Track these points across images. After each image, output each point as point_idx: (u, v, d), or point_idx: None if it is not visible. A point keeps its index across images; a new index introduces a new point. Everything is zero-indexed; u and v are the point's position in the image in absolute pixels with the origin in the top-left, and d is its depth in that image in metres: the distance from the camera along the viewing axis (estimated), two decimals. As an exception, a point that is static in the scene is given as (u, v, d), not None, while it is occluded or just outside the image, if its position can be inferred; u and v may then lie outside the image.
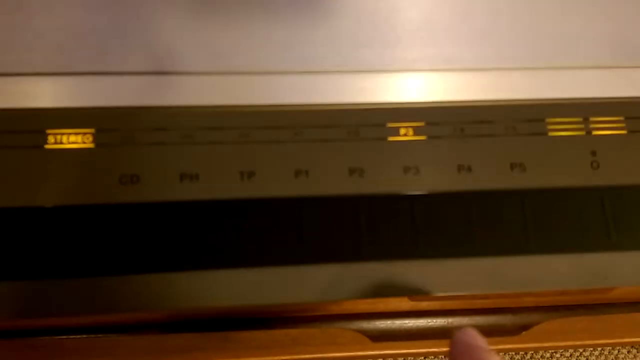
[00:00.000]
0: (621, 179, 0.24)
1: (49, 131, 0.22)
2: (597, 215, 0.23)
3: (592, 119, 0.25)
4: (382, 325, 0.30)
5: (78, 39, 0.23)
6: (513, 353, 0.33)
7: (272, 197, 0.22)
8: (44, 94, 0.23)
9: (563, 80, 0.25)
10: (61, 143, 0.22)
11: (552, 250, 0.23)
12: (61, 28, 0.23)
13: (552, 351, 0.34)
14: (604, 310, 0.31)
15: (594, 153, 0.24)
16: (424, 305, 0.30)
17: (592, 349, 0.34)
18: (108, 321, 0.27)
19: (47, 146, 0.22)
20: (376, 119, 0.24)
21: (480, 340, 0.20)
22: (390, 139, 0.24)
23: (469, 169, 0.23)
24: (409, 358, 0.31)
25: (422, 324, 0.30)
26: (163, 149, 0.22)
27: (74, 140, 0.22)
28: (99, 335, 0.27)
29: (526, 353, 0.33)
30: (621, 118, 0.25)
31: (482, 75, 0.25)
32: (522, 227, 0.23)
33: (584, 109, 0.25)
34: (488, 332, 0.27)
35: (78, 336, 0.27)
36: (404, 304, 0.30)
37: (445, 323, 0.30)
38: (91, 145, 0.22)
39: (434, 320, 0.30)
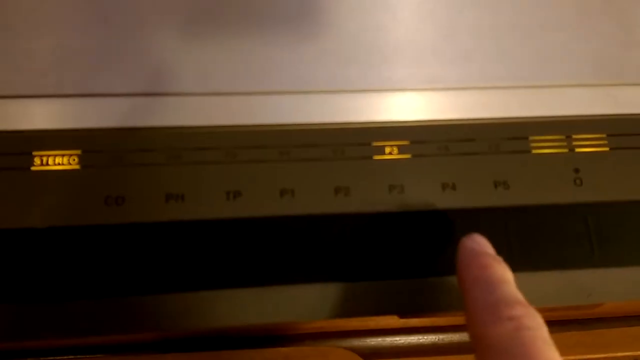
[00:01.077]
0: (604, 195, 0.24)
1: (35, 153, 0.22)
2: (580, 232, 0.23)
3: (574, 136, 0.25)
4: (373, 343, 0.30)
5: (64, 61, 0.24)
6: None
7: (258, 217, 0.22)
8: (30, 116, 0.23)
9: (546, 98, 0.26)
10: (47, 165, 0.22)
11: (536, 267, 0.23)
12: (47, 50, 0.24)
13: (544, 367, 0.33)
14: (596, 325, 0.31)
15: (576, 170, 0.24)
16: (415, 322, 0.30)
17: (585, 363, 0.34)
18: (96, 342, 0.27)
19: (33, 168, 0.22)
20: (361, 138, 0.24)
21: (487, 247, 0.20)
22: (376, 157, 0.24)
23: (454, 187, 0.23)
24: (400, 375, 0.31)
25: (413, 341, 0.30)
26: (149, 170, 0.22)
27: (59, 161, 0.22)
28: (87, 356, 0.27)
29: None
30: (603, 135, 0.25)
31: (466, 94, 0.25)
32: (506, 244, 0.23)
33: (567, 127, 0.25)
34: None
35: (66, 357, 0.27)
36: (394, 321, 0.30)
37: (436, 340, 0.30)
38: (77, 167, 0.22)
39: (425, 337, 0.30)
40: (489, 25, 0.26)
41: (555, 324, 0.31)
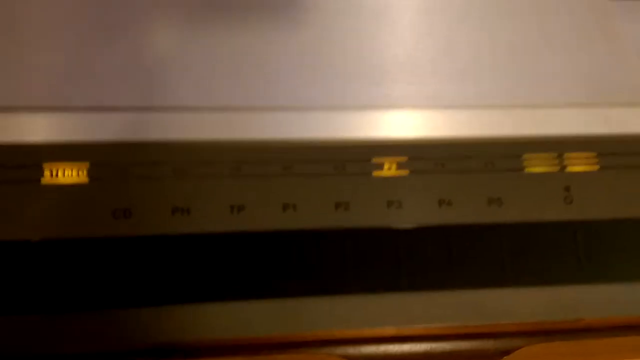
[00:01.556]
0: (593, 213, 0.25)
1: (44, 165, 0.23)
2: (569, 248, 0.24)
3: (566, 155, 0.26)
4: (367, 351, 0.30)
5: (73, 74, 0.24)
6: (494, 377, 0.33)
7: (260, 231, 0.23)
8: (39, 128, 0.23)
9: (540, 117, 0.26)
10: (57, 177, 0.23)
11: (527, 282, 0.24)
12: (56, 63, 0.24)
13: (533, 375, 0.34)
14: (581, 335, 0.32)
15: (567, 188, 0.25)
16: (408, 330, 0.30)
17: (573, 371, 0.35)
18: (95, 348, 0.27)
19: (43, 180, 0.22)
20: (362, 155, 0.24)
21: None
22: (375, 173, 0.24)
23: (450, 204, 0.24)
24: (393, 383, 0.31)
25: (406, 349, 0.30)
26: (156, 183, 0.23)
27: (68, 174, 0.23)
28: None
29: (507, 377, 0.33)
30: (594, 154, 0.26)
31: (462, 112, 0.26)
32: (499, 260, 0.24)
33: (559, 146, 0.26)
34: (470, 356, 0.28)
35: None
36: (388, 329, 0.30)
37: (429, 348, 0.30)
38: (85, 180, 0.23)
39: (418, 346, 0.30)
40: (486, 45, 0.27)
41: (540, 334, 0.31)
